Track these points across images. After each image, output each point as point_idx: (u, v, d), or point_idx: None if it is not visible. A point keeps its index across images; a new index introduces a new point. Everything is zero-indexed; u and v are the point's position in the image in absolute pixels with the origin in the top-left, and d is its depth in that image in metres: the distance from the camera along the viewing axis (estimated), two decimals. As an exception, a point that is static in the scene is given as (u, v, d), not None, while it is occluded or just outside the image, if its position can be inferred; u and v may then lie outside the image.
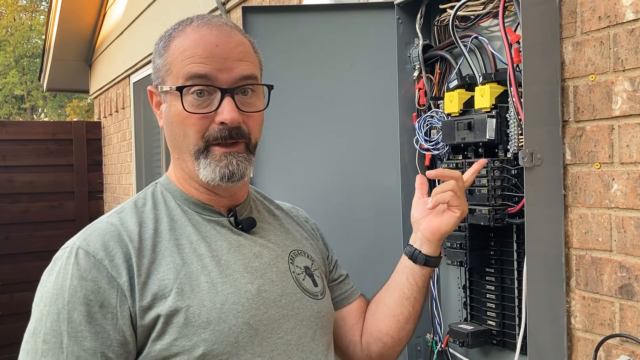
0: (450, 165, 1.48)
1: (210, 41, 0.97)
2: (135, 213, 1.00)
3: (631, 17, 1.17)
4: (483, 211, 1.38)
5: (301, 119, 1.66)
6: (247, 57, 1.00)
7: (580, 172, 1.28)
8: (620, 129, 1.20)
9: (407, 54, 1.65)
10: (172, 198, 1.04)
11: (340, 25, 1.65)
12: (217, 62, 0.96)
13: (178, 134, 0.99)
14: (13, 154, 5.45)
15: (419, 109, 1.64)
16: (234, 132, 0.97)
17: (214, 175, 0.97)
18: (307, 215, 1.27)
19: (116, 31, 5.14)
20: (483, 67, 1.46)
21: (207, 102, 0.96)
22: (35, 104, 20.02)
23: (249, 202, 1.11)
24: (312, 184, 1.66)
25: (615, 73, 1.20)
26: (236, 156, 0.98)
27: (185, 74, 0.96)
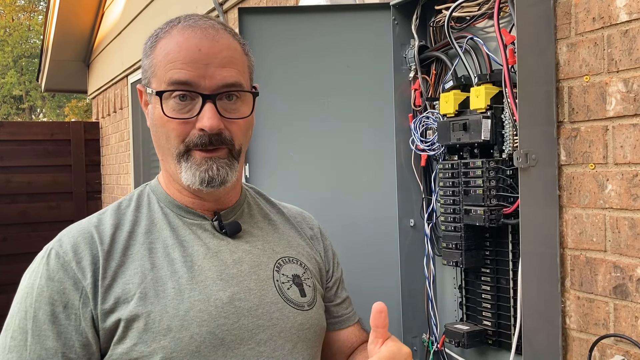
0: (446, 166, 1.48)
1: (193, 45, 0.94)
2: (115, 215, 1.00)
3: (625, 19, 1.17)
4: (478, 211, 1.38)
5: (297, 120, 1.66)
6: (232, 63, 0.97)
7: (575, 172, 1.28)
8: (615, 130, 1.20)
9: (403, 55, 1.65)
10: (156, 200, 1.03)
11: (337, 26, 1.65)
12: (199, 68, 0.94)
13: (161, 137, 0.98)
14: (11, 154, 5.45)
15: (415, 109, 1.64)
16: (214, 138, 0.95)
17: (194, 179, 0.96)
18: (317, 223, 1.22)
19: (114, 31, 5.14)
20: (478, 68, 1.46)
21: (188, 107, 0.95)
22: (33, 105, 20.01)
23: (240, 207, 1.09)
24: (307, 184, 1.66)
25: (609, 74, 1.21)
26: (217, 161, 0.96)
27: (167, 79, 0.94)
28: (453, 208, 1.46)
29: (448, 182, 1.48)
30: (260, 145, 1.64)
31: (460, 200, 1.44)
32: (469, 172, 1.42)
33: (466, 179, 1.42)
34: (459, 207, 1.44)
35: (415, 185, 1.66)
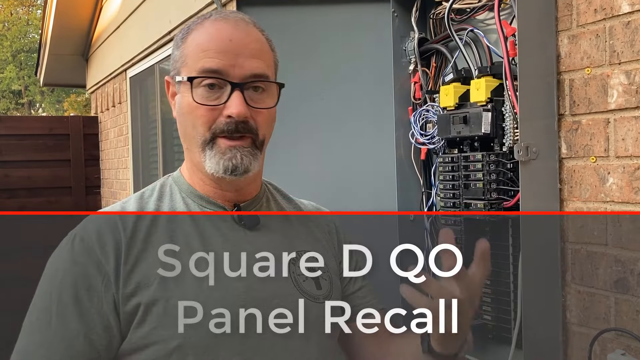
0: (446, 160, 1.47)
1: (225, 36, 0.98)
2: (138, 204, 1.03)
3: (627, 10, 1.16)
4: (478, 205, 1.37)
5: (295, 114, 1.65)
6: (261, 55, 1.01)
7: (576, 165, 1.27)
8: (616, 123, 1.19)
9: (403, 48, 1.64)
10: (178, 191, 1.07)
11: (336, 19, 1.64)
12: (230, 58, 0.97)
13: (187, 125, 1.01)
14: (10, 149, 5.44)
15: (415, 102, 1.64)
16: (241, 126, 0.98)
17: (218, 167, 0.98)
18: (334, 218, 1.24)
19: (112, 25, 5.12)
20: (479, 61, 1.45)
21: (217, 95, 0.98)
22: (32, 99, 19.99)
23: (259, 200, 1.11)
24: (306, 178, 1.65)
25: (611, 66, 1.20)
26: (241, 150, 0.99)
27: (199, 68, 0.98)
28: (453, 202, 1.45)
29: (448, 175, 1.47)
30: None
31: (461, 194, 1.43)
32: (469, 165, 1.41)
33: (466, 173, 1.41)
34: (459, 200, 1.43)
35: (415, 179, 1.65)
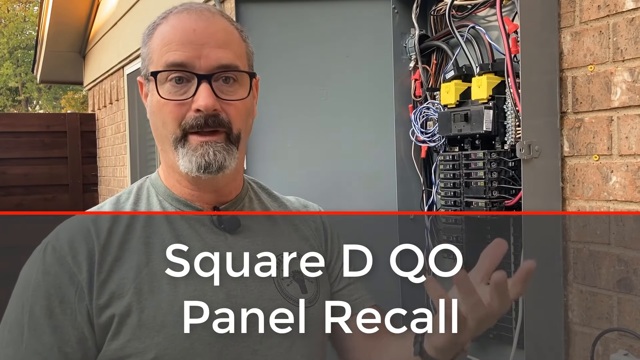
0: (447, 158, 1.46)
1: (188, 27, 0.94)
2: (113, 208, 0.99)
3: (631, 6, 1.15)
4: (480, 204, 1.36)
5: (296, 111, 1.64)
6: (228, 45, 0.96)
7: (579, 164, 1.26)
8: (620, 120, 1.18)
9: (403, 44, 1.63)
10: (155, 194, 1.02)
11: (336, 15, 1.63)
12: (194, 49, 0.93)
13: (158, 123, 0.97)
14: (6, 146, 5.42)
15: (415, 100, 1.62)
16: (211, 120, 0.93)
17: (191, 166, 0.94)
18: (322, 214, 1.20)
19: (110, 22, 5.09)
20: (480, 58, 1.44)
21: (184, 89, 0.94)
22: (30, 96, 19.93)
23: (241, 201, 1.06)
24: (306, 176, 1.64)
25: (614, 63, 1.18)
26: (213, 145, 0.94)
27: (163, 62, 0.94)
28: (454, 200, 1.44)
29: (449, 174, 1.46)
30: (257, 135, 1.61)
31: (461, 192, 1.42)
32: (470, 163, 1.40)
33: (467, 171, 1.40)
34: (460, 199, 1.42)
35: (415, 177, 1.64)
